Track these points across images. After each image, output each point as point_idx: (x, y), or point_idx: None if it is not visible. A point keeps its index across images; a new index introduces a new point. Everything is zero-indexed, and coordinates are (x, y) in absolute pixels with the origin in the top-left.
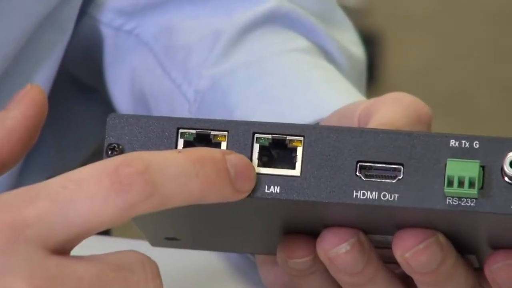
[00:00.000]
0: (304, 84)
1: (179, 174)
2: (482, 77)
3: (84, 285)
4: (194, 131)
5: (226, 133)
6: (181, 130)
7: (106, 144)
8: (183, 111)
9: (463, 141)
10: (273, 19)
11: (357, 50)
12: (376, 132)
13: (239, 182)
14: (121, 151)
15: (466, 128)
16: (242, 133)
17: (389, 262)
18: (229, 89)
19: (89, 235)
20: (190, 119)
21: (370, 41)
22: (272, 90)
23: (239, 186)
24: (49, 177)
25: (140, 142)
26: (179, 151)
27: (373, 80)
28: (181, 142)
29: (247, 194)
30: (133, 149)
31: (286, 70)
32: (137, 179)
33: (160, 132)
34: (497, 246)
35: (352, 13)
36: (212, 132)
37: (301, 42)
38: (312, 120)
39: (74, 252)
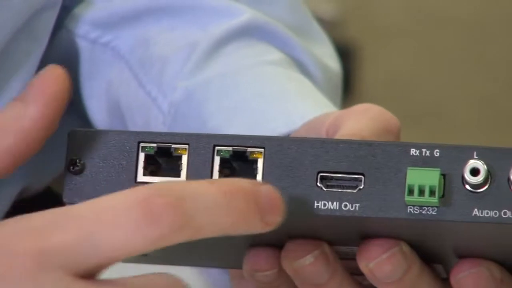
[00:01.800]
0: (278, 96)
1: (211, 206)
2: (457, 88)
3: None
4: (155, 145)
5: (187, 146)
6: (142, 144)
7: (67, 159)
8: (157, 124)
9: (424, 150)
10: (248, 32)
11: (333, 62)
12: (336, 142)
13: (268, 215)
14: (83, 167)
15: (440, 140)
16: (202, 145)
17: (356, 273)
18: (203, 101)
19: (118, 261)
20: (151, 132)
21: (345, 53)
22: (246, 102)
23: (268, 219)
24: (23, 190)
25: (101, 157)
26: (211, 182)
27: (348, 92)
28: (142, 156)
29: (275, 226)
30: (95, 164)
31: (261, 82)
32: (169, 211)
33: (121, 146)
34: (462, 255)
35: (327, 26)
36: (173, 146)
37: (276, 55)
38: (285, 131)
39: None
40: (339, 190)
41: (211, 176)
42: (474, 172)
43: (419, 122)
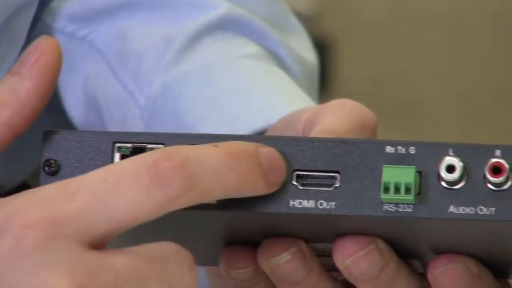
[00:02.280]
0: (255, 90)
1: (217, 167)
2: (436, 84)
3: (122, 279)
4: (130, 145)
5: (162, 146)
6: (117, 144)
7: (43, 160)
8: (134, 118)
9: (399, 147)
10: (224, 25)
11: (310, 56)
12: (312, 140)
13: (271, 175)
14: (58, 167)
15: (419, 136)
16: (178, 145)
17: (332, 269)
18: (180, 95)
19: (127, 229)
20: (126, 133)
21: (322, 48)
22: (223, 96)
23: (271, 179)
24: None
25: (77, 157)
26: (215, 145)
27: (325, 87)
28: (117, 156)
29: (278, 187)
30: (70, 165)
31: (237, 76)
32: (177, 173)
33: (96, 146)
34: (438, 251)
35: (305, 20)
36: (148, 146)
37: (253, 48)
38: (262, 126)
39: None
40: (315, 188)
41: None
42: (450, 169)
43: (396, 118)
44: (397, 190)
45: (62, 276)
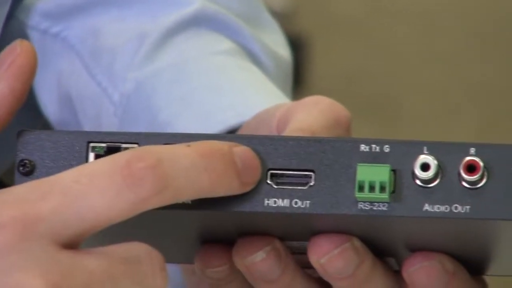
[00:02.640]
0: (229, 87)
1: (190, 167)
2: (410, 80)
3: (95, 279)
4: (104, 145)
5: (136, 145)
6: (91, 144)
7: (17, 160)
8: (108, 115)
9: (373, 146)
10: (198, 22)
11: (283, 51)
12: (286, 139)
13: (246, 174)
14: (33, 167)
15: (394, 132)
16: (152, 144)
17: (307, 267)
18: (153, 92)
19: (101, 229)
20: (100, 132)
21: (297, 45)
22: (197, 93)
23: (246, 178)
24: None
25: (51, 157)
26: (188, 145)
27: (300, 84)
28: (91, 156)
29: (253, 186)
30: (45, 165)
31: (211, 72)
32: (149, 174)
33: (70, 146)
34: (414, 248)
35: (279, 18)
36: (123, 145)
37: (226, 44)
38: (236, 123)
39: None
40: (289, 187)
41: None
42: (424, 167)
43: (370, 114)
44: (371, 188)
45: (37, 276)
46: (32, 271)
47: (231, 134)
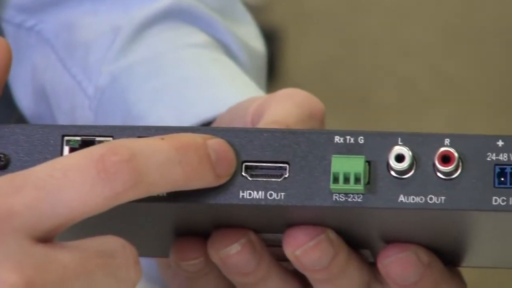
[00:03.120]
0: (203, 80)
1: (164, 161)
2: (382, 72)
3: (70, 272)
4: (79, 138)
5: (111, 139)
6: (66, 138)
7: None
8: (83, 108)
9: (348, 137)
10: (172, 15)
11: (258, 44)
12: (260, 131)
13: (220, 167)
14: (7, 161)
15: (367, 125)
16: (126, 137)
17: (283, 260)
18: (128, 85)
19: (74, 223)
20: (75, 126)
21: (270, 38)
22: (171, 86)
23: (220, 171)
24: None
25: (26, 151)
26: (162, 138)
27: (274, 76)
28: (66, 149)
29: (228, 178)
30: (19, 159)
31: (185, 65)
32: (123, 167)
33: (45, 140)
34: (389, 240)
35: (252, 10)
36: (97, 138)
37: (200, 37)
38: (210, 116)
39: None
40: (264, 179)
41: None
42: (399, 158)
43: (345, 106)
44: (346, 180)
45: (12, 269)
46: (6, 265)
47: (206, 127)
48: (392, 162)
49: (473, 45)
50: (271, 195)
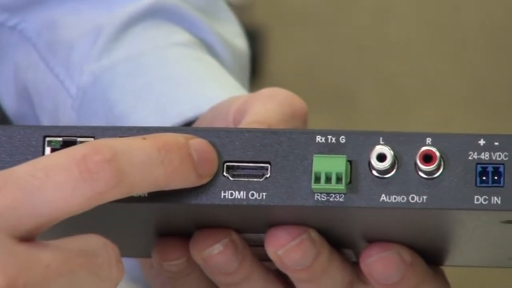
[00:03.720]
0: (185, 79)
1: (145, 161)
2: (366, 71)
3: (53, 271)
4: (60, 139)
5: (92, 139)
6: (47, 138)
7: None
8: (66, 108)
9: (329, 137)
10: (154, 13)
11: (240, 42)
12: (241, 131)
13: (202, 167)
14: None
15: (351, 124)
16: (108, 137)
17: (265, 259)
18: (110, 84)
19: (57, 222)
20: (56, 126)
21: (253, 37)
22: (153, 85)
23: (202, 171)
24: None
25: (8, 152)
26: (144, 138)
27: (257, 75)
28: (48, 150)
29: (210, 178)
30: (1, 160)
31: (167, 64)
32: (105, 167)
33: (27, 141)
34: (371, 239)
35: (236, 9)
36: (79, 139)
37: (183, 36)
38: (192, 115)
39: None
40: (246, 179)
41: None
42: (381, 157)
43: (328, 105)
44: (328, 179)
45: None
46: None
47: (187, 127)
48: (374, 162)
49: (457, 45)
50: (252, 195)
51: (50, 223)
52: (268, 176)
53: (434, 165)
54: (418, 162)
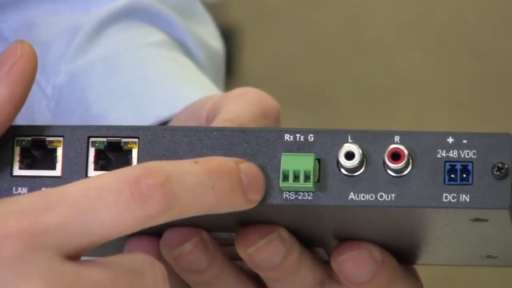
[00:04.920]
0: (160, 79)
1: (197, 185)
2: (340, 71)
3: None
4: (30, 138)
5: (61, 138)
6: (17, 138)
7: None
8: (41, 108)
9: (298, 135)
10: (131, 14)
11: (216, 43)
12: (210, 130)
13: (251, 192)
14: None
15: (324, 123)
16: (77, 137)
17: (237, 259)
18: (86, 84)
19: (104, 242)
20: (26, 126)
21: (228, 36)
22: (129, 85)
23: (251, 196)
24: None
25: None
26: (196, 162)
27: (232, 75)
28: (17, 149)
29: (257, 203)
30: None
31: (143, 64)
32: (158, 191)
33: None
34: (342, 238)
35: (210, 8)
36: (48, 138)
37: (158, 36)
38: (168, 115)
39: None
40: None
41: (86, 168)
42: (349, 156)
43: (301, 105)
44: (296, 178)
45: (41, 286)
46: (37, 282)
47: (157, 126)
48: (342, 160)
49: (431, 42)
50: None
51: (98, 243)
52: None
53: (403, 163)
54: (386, 160)
